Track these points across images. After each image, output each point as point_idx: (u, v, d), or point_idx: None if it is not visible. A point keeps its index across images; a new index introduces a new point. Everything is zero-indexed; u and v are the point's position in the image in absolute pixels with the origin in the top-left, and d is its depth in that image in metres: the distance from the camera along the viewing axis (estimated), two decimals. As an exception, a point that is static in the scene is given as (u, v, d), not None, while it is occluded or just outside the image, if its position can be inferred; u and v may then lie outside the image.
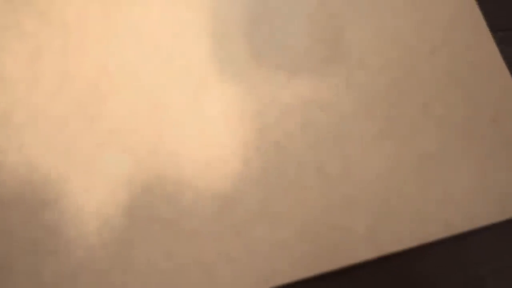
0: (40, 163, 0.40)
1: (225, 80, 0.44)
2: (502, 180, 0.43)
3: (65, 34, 0.44)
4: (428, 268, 0.41)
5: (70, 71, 0.43)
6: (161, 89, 0.43)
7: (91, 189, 0.40)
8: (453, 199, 0.42)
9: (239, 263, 0.39)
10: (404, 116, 0.45)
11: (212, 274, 0.38)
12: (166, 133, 0.42)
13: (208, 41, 0.45)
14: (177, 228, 0.39)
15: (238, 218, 0.40)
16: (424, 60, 0.47)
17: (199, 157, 0.41)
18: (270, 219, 0.40)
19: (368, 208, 0.41)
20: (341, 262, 0.40)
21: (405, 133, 0.44)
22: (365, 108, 0.45)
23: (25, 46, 0.43)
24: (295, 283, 0.40)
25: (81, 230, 0.39)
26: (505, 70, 0.48)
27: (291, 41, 0.46)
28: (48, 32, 0.44)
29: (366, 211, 0.41)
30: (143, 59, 0.44)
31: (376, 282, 0.40)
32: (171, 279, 0.38)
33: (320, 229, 0.40)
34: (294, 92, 0.44)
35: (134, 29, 0.45)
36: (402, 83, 0.46)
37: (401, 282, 0.40)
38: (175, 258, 0.39)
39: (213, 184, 0.41)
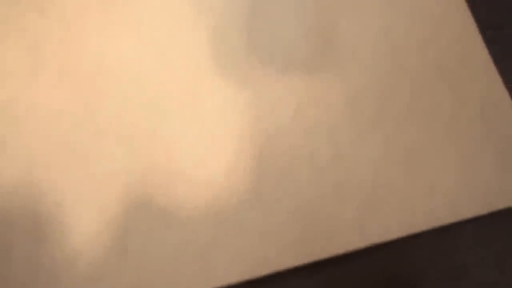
0: (39, 153, 0.41)
1: (220, 72, 0.45)
2: (487, 174, 0.45)
3: (64, 27, 0.45)
4: (414, 257, 0.42)
5: (69, 64, 0.44)
6: (157, 82, 0.44)
7: (89, 178, 0.41)
8: (440, 191, 0.44)
9: (231, 250, 0.40)
10: (392, 109, 0.46)
11: (205, 261, 0.40)
12: (161, 124, 0.43)
13: (203, 34, 0.46)
14: (171, 216, 0.41)
15: (230, 207, 0.41)
16: (413, 54, 0.48)
17: (194, 147, 0.43)
18: (262, 208, 0.41)
19: (357, 198, 0.42)
20: (330, 251, 0.41)
21: (393, 126, 0.45)
22: (355, 101, 0.46)
23: (24, 39, 0.44)
24: (283, 272, 0.41)
25: (78, 218, 0.40)
26: (492, 67, 0.49)
27: (284, 34, 0.47)
28: (48, 25, 0.45)
29: (355, 201, 0.42)
30: (140, 52, 0.45)
31: (364, 271, 0.42)
32: (165, 266, 0.40)
33: (310, 218, 0.42)
34: (287, 84, 0.45)
35: (132, 23, 0.46)
36: (391, 77, 0.47)
37: (388, 270, 0.42)
38: (169, 246, 0.40)
39: (207, 174, 0.42)
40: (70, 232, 0.40)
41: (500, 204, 0.44)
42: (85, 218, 0.40)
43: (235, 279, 0.40)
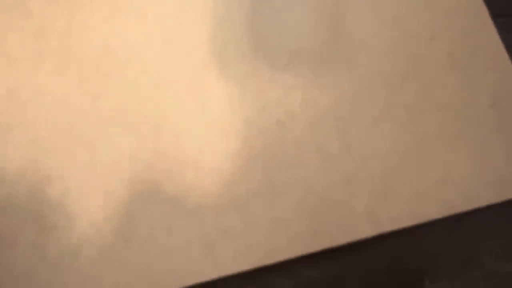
0: (44, 140, 0.41)
1: (227, 60, 0.45)
2: (499, 163, 0.44)
3: (69, 13, 0.44)
4: (426, 247, 0.41)
5: (75, 50, 0.43)
6: (163, 69, 0.44)
7: (95, 166, 0.41)
8: (452, 180, 0.43)
9: (239, 239, 0.39)
10: (403, 98, 0.45)
11: (213, 250, 0.39)
12: (168, 112, 0.42)
13: (210, 22, 0.46)
14: (178, 204, 0.40)
15: (238, 195, 0.40)
16: (424, 44, 0.48)
17: (201, 135, 0.42)
18: (270, 196, 0.41)
19: (368, 187, 0.42)
20: (340, 239, 0.40)
21: (404, 116, 0.45)
22: (365, 90, 0.45)
23: (30, 25, 0.44)
24: (293, 260, 0.40)
25: (84, 206, 0.40)
26: (505, 56, 0.48)
27: (292, 23, 0.47)
28: (53, 11, 0.44)
29: (365, 190, 0.42)
30: (147, 39, 0.44)
31: (375, 260, 0.41)
32: (172, 254, 0.39)
33: (319, 206, 0.41)
34: (295, 72, 0.45)
35: (138, 9, 0.45)
36: (402, 67, 0.46)
37: (400, 259, 0.41)
38: (176, 233, 0.39)
39: (215, 162, 0.41)
40: (76, 219, 0.39)
41: (513, 193, 0.43)
42: (91, 206, 0.40)
43: (243, 268, 0.39)
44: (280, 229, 0.40)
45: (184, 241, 0.39)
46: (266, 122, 0.43)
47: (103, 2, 0.45)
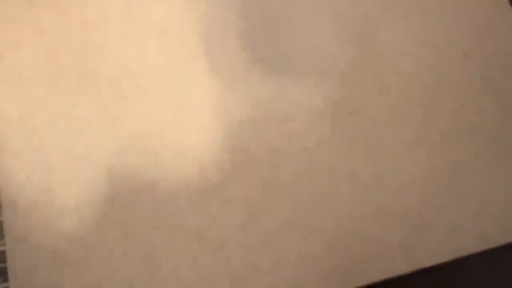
0: (59, 167, 0.38)
1: (251, 81, 0.42)
2: (538, 191, 0.42)
3: (85, 32, 0.42)
4: (463, 281, 0.39)
5: (91, 70, 0.41)
6: (185, 90, 0.41)
7: (112, 196, 0.38)
8: (489, 211, 0.41)
9: (269, 276, 0.37)
10: (436, 122, 0.43)
11: (240, 286, 0.37)
12: (190, 139, 0.40)
13: (233, 41, 0.43)
14: (202, 237, 0.38)
15: (266, 228, 0.38)
16: (456, 64, 0.45)
17: (226, 162, 0.39)
18: (300, 229, 0.38)
19: (402, 219, 0.39)
20: (375, 276, 0.38)
21: (437, 141, 0.42)
22: (396, 114, 0.43)
23: (43, 44, 0.41)
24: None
25: (102, 239, 0.37)
26: (539, 76, 0.46)
27: (319, 42, 0.44)
28: (68, 29, 0.42)
29: (400, 222, 0.39)
30: (165, 58, 0.42)
31: (411, 297, 0.38)
32: (196, 286, 0.37)
33: (352, 240, 0.38)
34: (324, 95, 0.42)
35: (155, 26, 0.43)
36: (434, 88, 0.44)
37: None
38: (201, 269, 0.37)
39: (240, 191, 0.39)
40: (93, 254, 0.37)
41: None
42: (109, 239, 0.37)
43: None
44: (310, 265, 0.38)
45: (210, 277, 0.37)
46: (294, 148, 0.40)
47: (120, 20, 0.42)
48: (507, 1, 0.47)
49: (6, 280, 0.35)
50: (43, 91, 0.40)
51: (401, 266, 0.38)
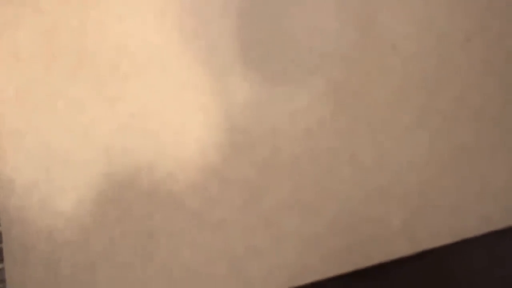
0: (57, 147, 0.38)
1: (252, 62, 0.42)
2: (540, 174, 0.41)
3: (83, 11, 0.41)
4: (465, 265, 0.39)
5: (89, 50, 0.40)
6: (186, 70, 0.41)
7: (112, 175, 0.38)
8: (492, 193, 0.40)
9: (269, 258, 0.37)
10: (439, 105, 0.43)
11: (242, 269, 0.36)
12: (190, 118, 0.40)
13: (233, 21, 0.43)
14: (202, 218, 0.37)
15: (266, 209, 0.38)
16: (459, 47, 0.45)
17: (226, 143, 0.39)
18: (300, 210, 0.38)
19: (404, 201, 0.39)
20: (376, 258, 0.37)
21: (440, 123, 0.42)
22: (398, 96, 0.42)
23: (41, 23, 0.41)
24: (327, 280, 0.37)
25: (100, 219, 0.37)
26: (542, 60, 0.46)
27: (321, 24, 0.44)
28: (65, 9, 0.41)
29: (402, 204, 0.39)
30: (165, 38, 0.41)
31: (412, 278, 0.38)
32: (196, 272, 0.36)
33: (353, 222, 0.38)
34: (326, 77, 0.42)
35: (155, 7, 0.42)
36: (436, 71, 0.44)
37: (438, 277, 0.38)
38: (200, 250, 0.36)
39: (242, 172, 0.38)
40: (90, 233, 0.36)
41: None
42: (107, 219, 0.37)
43: (267, 285, 0.36)
44: (311, 247, 0.37)
45: (209, 259, 0.36)
46: (295, 130, 0.40)
47: (119, -2, 0.42)
48: (511, -17, 0.47)
49: (1, 260, 0.35)
50: (40, 71, 0.39)
51: (403, 248, 0.38)
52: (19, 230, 0.36)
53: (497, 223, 0.39)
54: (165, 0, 0.42)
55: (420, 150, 0.41)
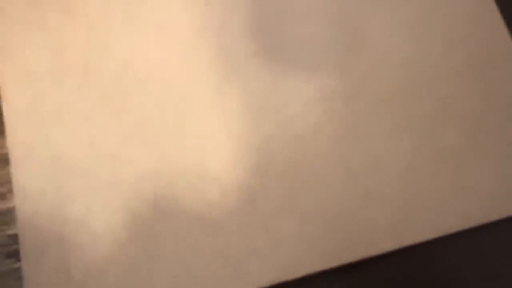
0: (66, 157, 0.41)
1: (247, 73, 0.44)
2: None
3: (88, 28, 0.44)
4: (446, 260, 0.42)
5: (94, 66, 0.43)
6: (185, 83, 0.43)
7: (117, 183, 0.40)
8: (473, 192, 0.43)
9: (264, 256, 0.39)
10: (423, 110, 0.45)
11: (238, 267, 0.39)
12: (189, 127, 0.42)
13: (229, 35, 0.45)
14: (203, 222, 0.40)
15: (264, 212, 0.40)
16: (442, 54, 0.48)
17: (223, 150, 0.42)
18: (297, 213, 0.41)
19: (390, 202, 0.42)
20: (362, 253, 0.40)
21: (424, 127, 0.45)
22: (385, 102, 0.45)
23: (49, 41, 0.43)
24: (317, 274, 0.40)
25: (108, 224, 0.39)
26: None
27: (311, 35, 0.46)
28: (72, 26, 0.44)
29: (388, 204, 0.42)
30: (166, 53, 0.44)
31: (397, 273, 0.41)
32: (198, 272, 0.39)
33: (344, 222, 0.41)
34: (317, 85, 0.45)
35: (157, 23, 0.45)
36: (420, 77, 0.47)
37: (421, 272, 0.41)
38: (202, 252, 0.39)
39: (238, 178, 0.41)
40: (99, 238, 0.39)
41: (534, 204, 0.43)
42: (114, 224, 0.39)
43: (267, 284, 0.39)
44: (307, 246, 0.40)
45: (210, 260, 0.39)
46: (289, 136, 0.43)
47: (122, 16, 0.45)
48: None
49: (18, 260, 0.38)
50: (49, 86, 0.42)
51: (387, 245, 0.41)
52: (33, 234, 0.39)
53: (478, 220, 0.42)
54: (165, 17, 0.45)
55: (406, 153, 0.44)
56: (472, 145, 0.45)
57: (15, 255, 0.38)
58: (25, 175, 0.40)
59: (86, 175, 0.40)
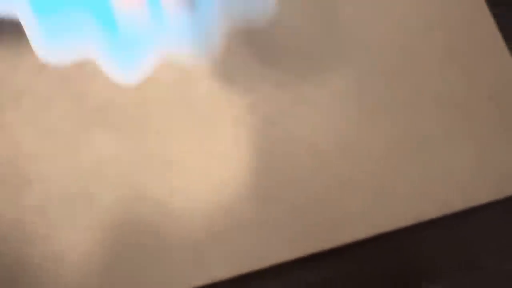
0: (24, 142, 0.39)
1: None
2: (501, 158, 0.42)
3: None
4: (424, 247, 0.40)
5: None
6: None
7: (77, 168, 0.39)
8: (452, 177, 0.41)
9: (228, 244, 0.38)
10: (400, 94, 0.44)
11: (200, 256, 0.38)
12: (152, 110, 0.41)
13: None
14: (165, 208, 0.38)
15: (227, 197, 0.39)
16: (421, 36, 0.46)
17: (188, 136, 0.40)
18: (260, 200, 0.39)
19: (364, 187, 0.40)
20: (334, 241, 0.39)
21: (401, 111, 0.43)
22: (358, 86, 0.43)
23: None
24: (289, 263, 0.39)
25: (67, 211, 0.38)
26: (504, 47, 0.46)
27: (284, 16, 0.45)
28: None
29: (362, 190, 0.40)
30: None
31: (370, 261, 0.39)
32: (159, 260, 0.37)
33: (314, 208, 0.39)
34: (286, 68, 0.43)
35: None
36: (397, 60, 0.45)
37: (396, 260, 0.39)
38: (163, 239, 0.38)
39: (201, 162, 0.40)
40: (58, 225, 0.38)
41: (515, 189, 0.41)
42: (74, 211, 0.38)
43: (233, 273, 0.38)
44: (271, 233, 0.38)
45: (172, 246, 0.38)
46: (255, 119, 0.41)
47: None
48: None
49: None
50: (6, 69, 0.41)
51: (361, 232, 0.39)
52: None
53: (455, 207, 0.40)
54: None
55: (380, 137, 0.42)
56: (451, 129, 0.43)
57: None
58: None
59: (45, 161, 0.39)
